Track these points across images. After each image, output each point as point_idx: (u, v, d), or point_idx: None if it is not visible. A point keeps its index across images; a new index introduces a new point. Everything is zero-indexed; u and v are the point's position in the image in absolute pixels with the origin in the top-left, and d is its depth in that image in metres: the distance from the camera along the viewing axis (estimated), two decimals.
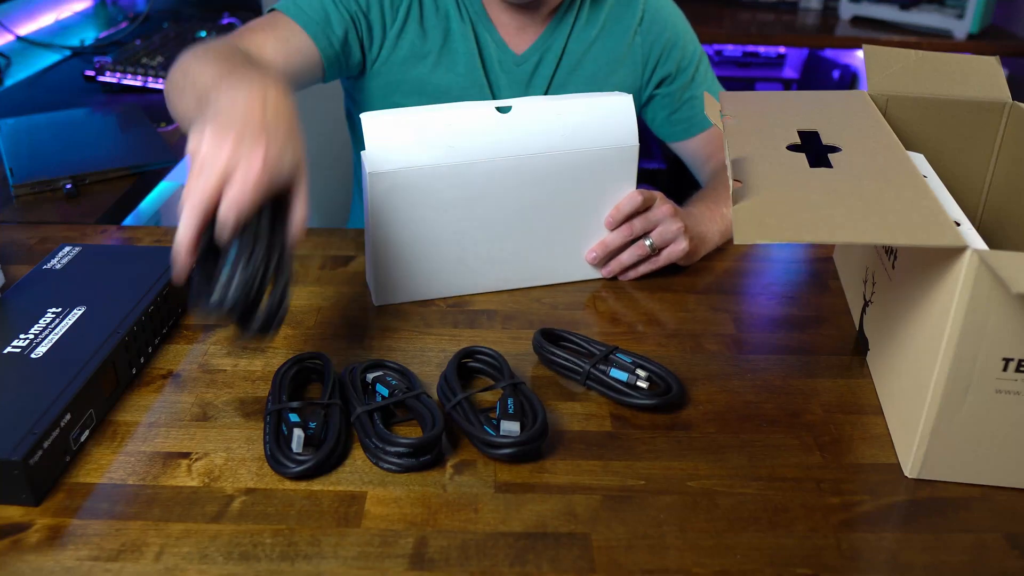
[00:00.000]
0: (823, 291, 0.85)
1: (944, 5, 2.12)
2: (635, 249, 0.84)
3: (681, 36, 1.07)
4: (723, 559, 0.53)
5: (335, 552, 0.53)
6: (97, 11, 2.03)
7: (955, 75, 0.80)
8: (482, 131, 0.77)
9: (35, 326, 0.67)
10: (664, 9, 1.06)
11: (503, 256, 0.82)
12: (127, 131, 1.27)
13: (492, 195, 0.79)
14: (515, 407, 0.62)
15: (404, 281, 0.80)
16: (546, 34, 1.02)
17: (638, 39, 1.04)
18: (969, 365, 0.55)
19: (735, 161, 0.63)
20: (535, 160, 0.79)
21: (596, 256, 0.84)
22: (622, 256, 0.84)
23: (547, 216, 0.82)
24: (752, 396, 0.69)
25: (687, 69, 1.06)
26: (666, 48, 1.05)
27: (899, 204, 0.57)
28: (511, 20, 1.01)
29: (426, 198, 0.77)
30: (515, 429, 0.60)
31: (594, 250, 0.84)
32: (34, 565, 0.52)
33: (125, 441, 0.62)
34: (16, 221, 0.99)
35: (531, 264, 0.84)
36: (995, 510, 0.57)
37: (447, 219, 0.78)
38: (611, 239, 0.84)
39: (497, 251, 0.82)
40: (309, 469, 0.58)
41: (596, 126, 0.80)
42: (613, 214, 0.83)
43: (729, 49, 2.57)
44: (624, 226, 0.83)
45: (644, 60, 1.05)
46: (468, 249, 0.81)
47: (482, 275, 0.83)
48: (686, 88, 1.07)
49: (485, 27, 1.00)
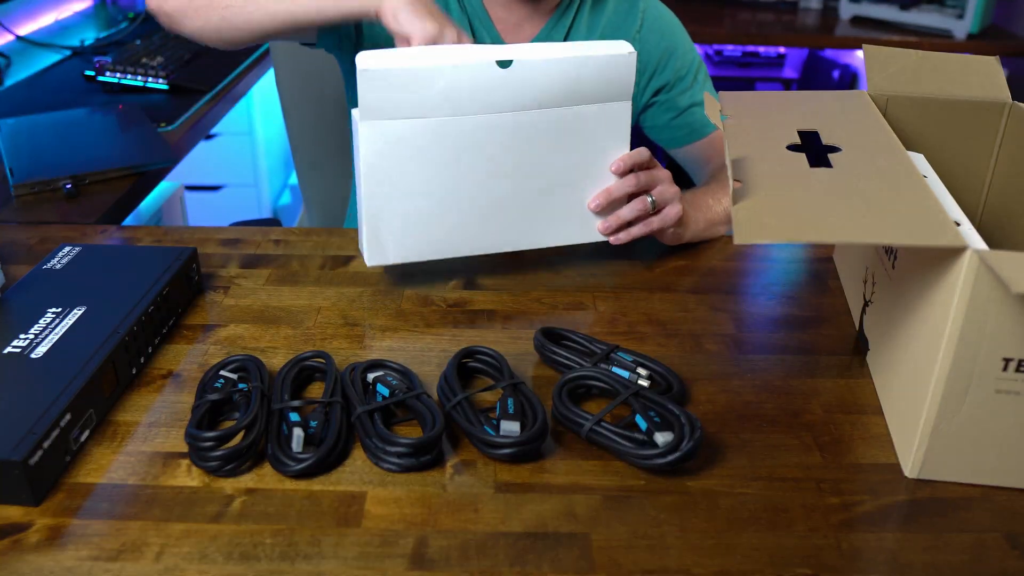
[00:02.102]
0: (823, 291, 0.85)
1: (944, 5, 2.13)
2: (637, 203, 0.84)
3: (679, 44, 1.07)
4: (723, 559, 0.53)
5: (335, 552, 0.53)
6: (97, 11, 2.03)
7: (955, 75, 0.80)
8: (480, 87, 0.76)
9: (35, 326, 0.67)
10: (663, 17, 1.07)
11: (498, 215, 0.82)
12: (127, 131, 1.27)
13: (488, 150, 0.79)
14: (515, 407, 0.62)
15: (397, 239, 0.79)
16: (543, 33, 1.02)
17: (636, 46, 1.04)
18: (969, 365, 0.55)
19: (735, 161, 0.63)
20: (532, 117, 0.78)
21: (599, 204, 0.84)
22: (622, 211, 0.84)
23: (542, 173, 0.81)
24: (752, 396, 0.69)
25: (685, 77, 1.07)
26: (664, 57, 1.06)
27: (899, 204, 0.57)
28: (509, 15, 1.01)
29: (420, 153, 0.76)
30: (515, 429, 0.60)
31: (597, 198, 0.84)
32: (34, 565, 0.52)
33: (125, 441, 0.62)
34: (16, 221, 0.99)
35: (526, 224, 0.83)
36: (995, 510, 0.57)
37: (442, 174, 0.78)
38: (616, 187, 0.84)
39: (493, 209, 0.81)
40: (309, 468, 0.58)
41: (594, 80, 0.79)
42: (621, 161, 0.83)
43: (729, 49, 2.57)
44: (630, 176, 0.83)
45: (642, 68, 1.05)
46: (464, 206, 0.80)
47: (478, 235, 0.82)
48: (685, 95, 1.07)
49: (483, 24, 1.00)
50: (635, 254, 0.91)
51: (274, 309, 0.80)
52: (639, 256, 0.91)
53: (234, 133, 2.17)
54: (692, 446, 0.58)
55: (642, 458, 0.59)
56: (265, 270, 0.87)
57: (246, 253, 0.91)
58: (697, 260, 0.91)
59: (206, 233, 0.95)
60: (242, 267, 0.88)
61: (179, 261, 0.78)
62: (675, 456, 0.58)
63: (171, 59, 1.57)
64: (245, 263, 0.88)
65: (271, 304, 0.81)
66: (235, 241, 0.93)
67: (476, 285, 0.85)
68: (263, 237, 0.94)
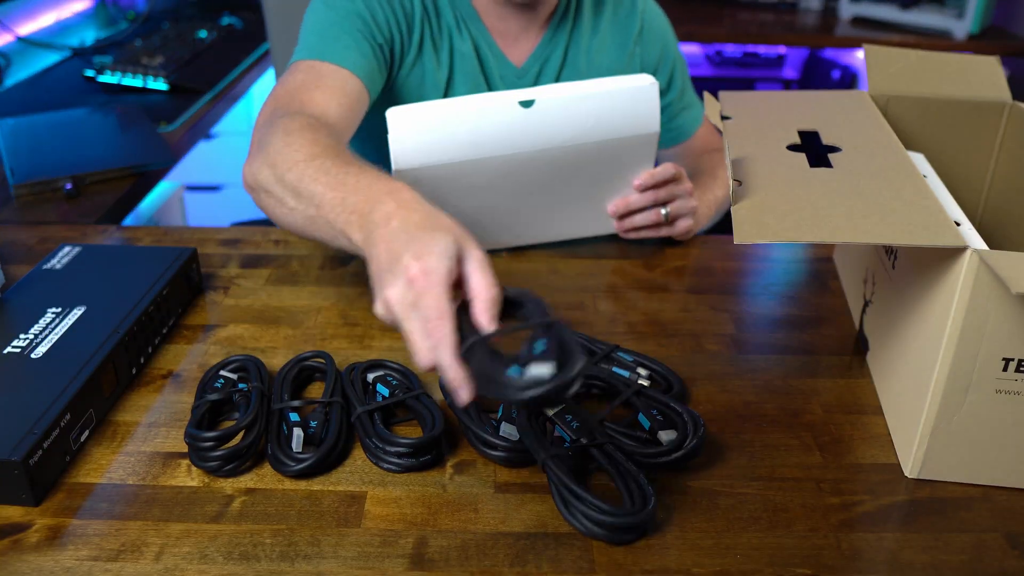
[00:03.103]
0: (823, 291, 0.85)
1: (944, 5, 2.12)
2: (651, 214, 0.89)
3: (672, 48, 1.08)
4: (723, 559, 0.53)
5: (335, 552, 0.53)
6: (97, 11, 2.03)
7: (955, 75, 0.80)
8: (505, 126, 0.79)
9: (35, 326, 0.67)
10: (658, 20, 1.07)
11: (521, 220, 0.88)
12: (127, 131, 1.27)
13: (513, 185, 0.83)
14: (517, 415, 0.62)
15: None
16: (544, 43, 1.01)
17: (638, 50, 1.04)
18: (969, 365, 0.55)
19: (735, 161, 0.63)
20: (557, 152, 0.81)
21: (617, 210, 0.89)
22: (636, 218, 0.89)
23: (565, 194, 0.86)
24: (752, 396, 0.69)
25: (676, 82, 1.08)
26: (661, 60, 1.06)
27: (899, 204, 0.57)
28: (507, 27, 1.00)
29: (448, 191, 0.80)
30: (513, 431, 0.60)
31: (617, 204, 0.89)
32: (34, 565, 0.52)
33: (125, 441, 0.62)
34: (16, 221, 0.99)
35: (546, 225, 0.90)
36: (995, 510, 0.57)
37: (466, 207, 0.80)
38: (636, 200, 0.88)
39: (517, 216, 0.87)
40: (309, 468, 0.58)
41: (618, 114, 0.82)
42: (646, 179, 0.87)
43: (729, 49, 2.57)
44: (651, 192, 0.88)
45: (642, 70, 1.05)
46: (491, 220, 0.86)
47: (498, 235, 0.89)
48: (676, 100, 1.09)
49: (484, 39, 0.99)
50: (633, 254, 0.91)
51: (274, 309, 0.80)
52: (638, 254, 0.91)
53: (234, 133, 2.17)
54: (696, 443, 0.58)
55: (647, 456, 0.59)
56: (265, 270, 0.87)
57: (246, 253, 0.91)
58: (697, 260, 0.91)
59: (206, 233, 0.95)
60: (242, 267, 0.88)
61: (179, 261, 0.78)
62: (679, 454, 0.58)
63: (171, 59, 1.57)
64: (245, 263, 0.88)
65: (271, 304, 0.81)
66: (235, 241, 0.93)
67: None
68: (263, 237, 0.94)
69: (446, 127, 0.77)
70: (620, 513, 0.53)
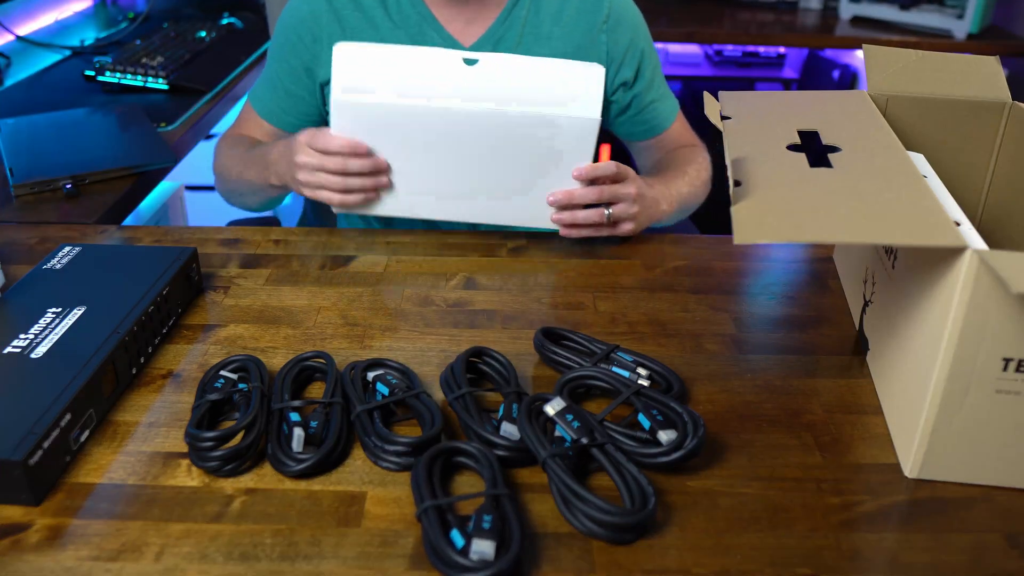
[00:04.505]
0: (823, 291, 0.85)
1: (944, 5, 2.12)
2: (594, 213, 0.88)
3: (642, 40, 1.07)
4: (723, 559, 0.53)
5: (335, 552, 0.53)
6: (97, 11, 2.03)
7: (955, 75, 0.80)
8: (446, 80, 0.82)
9: (35, 326, 0.67)
10: (628, 11, 1.06)
11: (459, 189, 0.89)
12: (127, 131, 1.27)
13: (449, 147, 0.85)
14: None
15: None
16: (496, 25, 1.01)
17: (603, 37, 1.03)
18: (969, 365, 0.55)
19: (735, 161, 0.63)
20: (495, 118, 0.83)
21: (557, 200, 0.88)
22: (579, 213, 0.88)
23: (500, 168, 0.87)
24: (752, 396, 0.69)
25: (645, 74, 1.07)
26: (629, 51, 1.05)
27: (899, 204, 0.57)
28: (459, 14, 1.00)
29: (384, 138, 0.84)
30: (514, 431, 0.60)
31: (558, 194, 0.88)
32: (34, 565, 0.52)
33: (125, 441, 0.62)
34: (16, 221, 0.99)
35: (485, 201, 0.90)
36: (995, 510, 0.57)
37: (405, 152, 0.86)
38: (580, 194, 0.87)
39: (455, 184, 0.88)
40: (309, 468, 0.58)
41: (559, 90, 0.82)
42: (588, 171, 0.86)
43: (729, 49, 2.57)
44: (595, 188, 0.87)
45: (608, 61, 1.04)
46: (423, 180, 0.88)
47: (437, 202, 0.90)
48: (646, 92, 1.08)
49: (431, 26, 1.00)
50: (633, 254, 0.91)
51: (274, 309, 0.80)
52: (638, 255, 0.91)
53: None
54: (696, 444, 0.58)
55: (646, 456, 0.59)
56: (265, 270, 0.87)
57: (246, 253, 0.91)
58: (697, 260, 0.91)
59: (206, 233, 0.95)
60: (242, 267, 0.88)
61: (179, 261, 0.78)
62: (680, 454, 0.58)
63: (171, 59, 1.57)
64: (245, 263, 0.88)
65: (271, 304, 0.81)
66: (235, 241, 0.93)
67: (476, 285, 0.85)
68: (263, 237, 0.94)
69: (388, 69, 0.82)
70: (620, 513, 0.53)
